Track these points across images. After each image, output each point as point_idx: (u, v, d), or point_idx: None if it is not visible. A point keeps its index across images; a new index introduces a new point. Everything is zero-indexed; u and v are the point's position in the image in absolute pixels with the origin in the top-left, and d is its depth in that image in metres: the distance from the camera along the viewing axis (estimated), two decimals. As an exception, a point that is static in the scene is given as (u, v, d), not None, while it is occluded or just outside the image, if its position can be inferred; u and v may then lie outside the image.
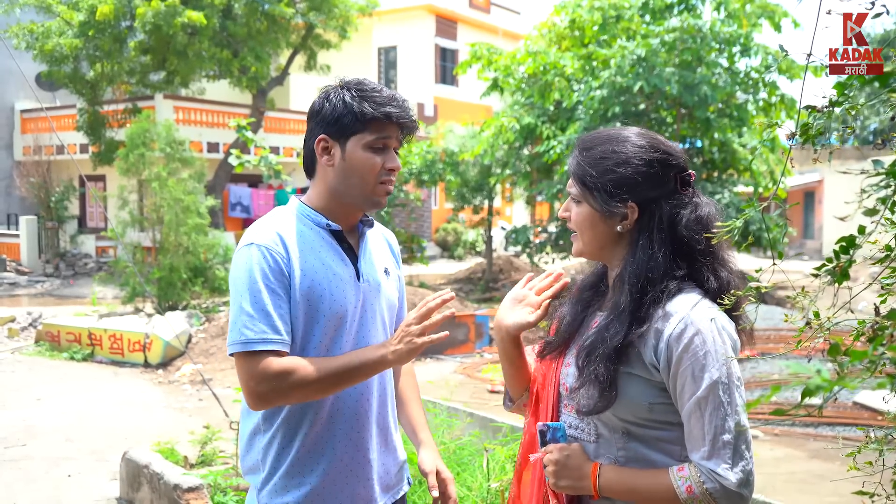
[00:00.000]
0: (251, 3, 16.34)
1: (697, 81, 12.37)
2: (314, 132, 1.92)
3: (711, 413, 1.49)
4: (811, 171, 26.15)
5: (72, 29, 15.97)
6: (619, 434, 1.60)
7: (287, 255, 1.84)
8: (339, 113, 1.88)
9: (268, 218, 1.95)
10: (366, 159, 1.88)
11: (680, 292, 1.58)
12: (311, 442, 1.90)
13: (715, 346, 1.51)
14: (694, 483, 1.49)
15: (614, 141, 1.66)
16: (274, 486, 1.91)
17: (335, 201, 1.93)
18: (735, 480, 1.47)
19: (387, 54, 27.89)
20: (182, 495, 4.16)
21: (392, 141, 1.91)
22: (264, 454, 1.93)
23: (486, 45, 15.28)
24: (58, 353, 9.98)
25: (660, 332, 1.55)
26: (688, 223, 1.60)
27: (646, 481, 1.55)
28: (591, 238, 1.67)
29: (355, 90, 1.90)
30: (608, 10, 14.21)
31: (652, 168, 1.62)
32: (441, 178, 16.68)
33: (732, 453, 1.47)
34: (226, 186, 18.50)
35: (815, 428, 6.89)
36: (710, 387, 1.49)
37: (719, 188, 14.24)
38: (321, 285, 1.86)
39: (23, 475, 5.56)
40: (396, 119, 1.89)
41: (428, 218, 25.05)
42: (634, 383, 1.57)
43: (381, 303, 2.01)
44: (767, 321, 9.75)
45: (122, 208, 11.84)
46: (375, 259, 2.02)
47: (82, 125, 17.27)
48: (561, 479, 1.62)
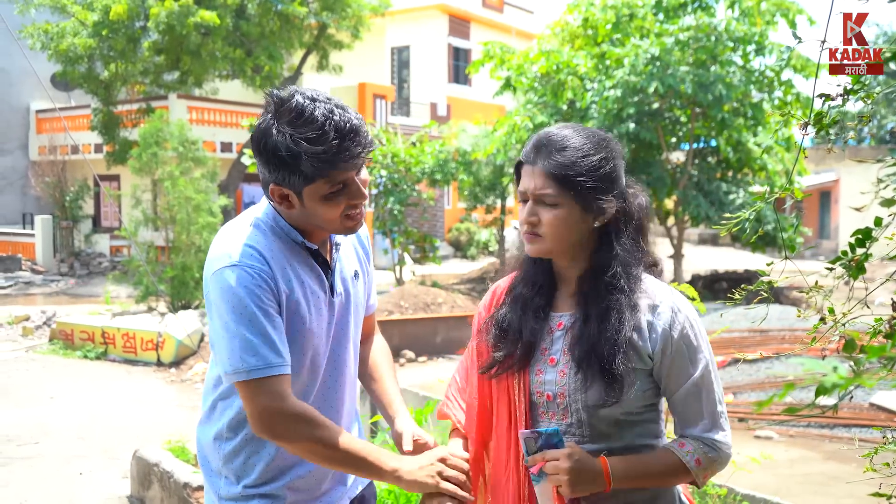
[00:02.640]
0: (264, 3, 16.38)
1: (712, 80, 12.28)
2: (264, 175, 1.73)
3: (708, 391, 1.61)
4: (827, 170, 25.94)
5: (86, 29, 16.06)
6: (615, 427, 1.62)
7: (273, 273, 1.72)
8: (284, 164, 1.65)
9: (240, 231, 1.77)
10: (325, 208, 1.71)
11: (644, 278, 1.65)
12: (280, 456, 1.83)
13: (701, 329, 1.62)
14: (700, 454, 1.60)
15: (581, 137, 1.62)
16: (238, 493, 1.84)
17: (306, 225, 1.80)
18: (728, 442, 1.64)
19: (400, 54, 27.89)
20: (192, 493, 4.16)
21: (350, 177, 1.69)
22: (227, 461, 1.85)
23: (499, 44, 15.24)
24: (71, 352, 10.03)
25: (651, 322, 1.60)
26: (641, 208, 1.67)
27: (654, 465, 1.61)
28: (567, 238, 1.62)
29: (291, 137, 1.63)
30: (621, 9, 14.14)
31: (622, 160, 1.66)
32: (454, 177, 16.65)
33: (725, 421, 1.64)
34: (239, 186, 18.55)
35: (830, 429, 6.81)
36: (704, 367, 1.60)
37: (734, 188, 14.15)
38: (301, 305, 1.77)
39: (35, 473, 5.58)
40: (350, 162, 1.66)
41: (440, 217, 25.02)
42: (637, 377, 1.60)
43: (352, 313, 1.93)
44: (782, 321, 9.65)
45: (136, 207, 11.88)
46: (346, 267, 1.93)
47: (96, 125, 17.36)
48: (578, 485, 1.57)
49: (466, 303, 12.16)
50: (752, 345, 9.15)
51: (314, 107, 1.64)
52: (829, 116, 1.26)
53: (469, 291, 15.61)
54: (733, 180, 14.70)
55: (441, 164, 16.32)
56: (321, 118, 1.63)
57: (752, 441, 6.53)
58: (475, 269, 19.55)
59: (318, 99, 1.66)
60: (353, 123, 1.66)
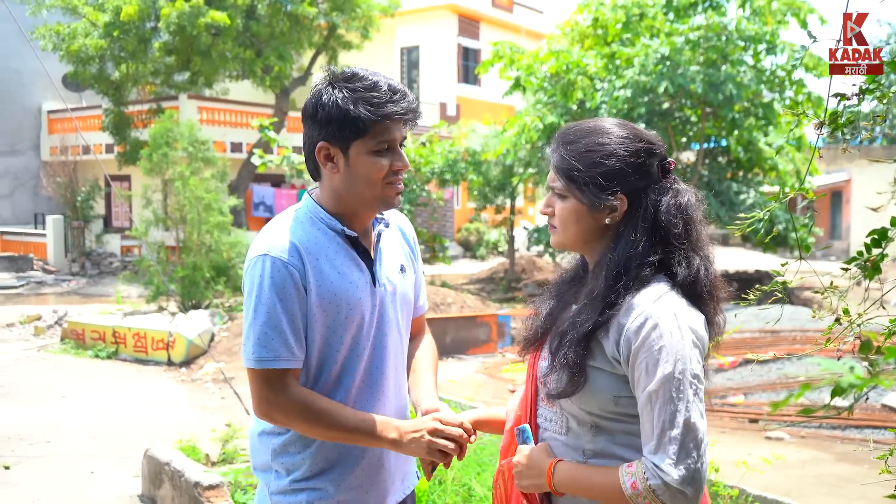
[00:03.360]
0: (274, 4, 16.42)
1: (722, 80, 12.23)
2: (312, 137, 1.82)
3: (661, 407, 1.46)
4: (838, 170, 25.81)
5: (97, 30, 16.14)
6: (588, 427, 1.61)
7: (303, 266, 1.78)
8: (335, 118, 1.76)
9: (281, 223, 1.86)
10: (371, 165, 1.79)
11: (648, 283, 1.57)
12: (328, 448, 1.87)
13: (672, 340, 1.48)
14: (638, 479, 1.47)
15: (597, 133, 1.64)
16: (287, 487, 1.89)
17: (345, 204, 1.86)
18: (677, 477, 1.43)
19: (409, 54, 27.91)
20: (203, 493, 4.17)
21: (396, 140, 1.81)
22: (276, 456, 1.90)
23: (508, 44, 15.23)
24: (83, 351, 10.07)
25: (621, 326, 1.54)
26: (668, 209, 1.60)
27: (598, 478, 1.56)
28: (576, 231, 1.66)
29: (348, 89, 1.76)
30: (631, 9, 14.10)
31: (638, 158, 1.61)
32: (463, 177, 16.64)
33: (678, 449, 1.44)
34: (249, 186, 18.60)
35: (842, 430, 6.77)
36: (662, 381, 1.47)
37: (745, 188, 14.10)
38: (338, 296, 1.81)
39: (47, 471, 5.61)
40: (399, 117, 1.78)
41: (450, 217, 25.02)
42: (599, 377, 1.57)
43: (397, 305, 1.96)
44: (794, 322, 9.60)
45: (146, 208, 11.92)
46: (391, 259, 1.97)
47: (108, 125, 17.44)
48: (523, 480, 1.67)
49: (476, 303, 12.15)
50: (763, 345, 9.11)
51: (368, 71, 1.82)
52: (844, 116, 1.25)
53: (478, 291, 15.60)
54: (744, 180, 14.64)
55: (451, 164, 16.31)
56: (375, 78, 1.80)
57: (763, 442, 6.50)
58: (485, 269, 19.54)
59: (372, 70, 1.84)
60: (405, 89, 1.82)
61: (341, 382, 1.87)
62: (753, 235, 13.33)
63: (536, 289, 15.77)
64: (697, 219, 1.62)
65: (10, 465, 5.69)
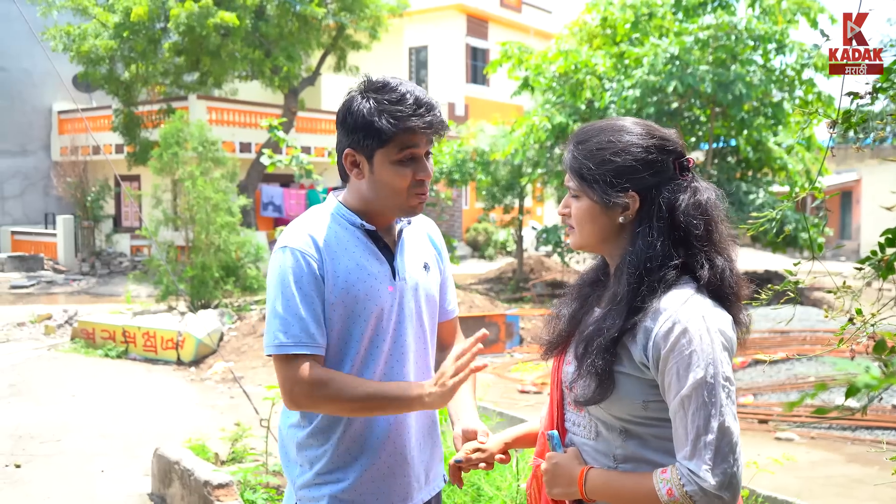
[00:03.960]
0: (283, 4, 16.45)
1: (732, 79, 12.19)
2: (341, 143, 1.90)
3: (694, 413, 1.45)
4: (848, 170, 25.70)
5: (107, 30, 16.19)
6: (618, 433, 1.59)
7: (320, 258, 1.85)
8: (360, 127, 1.82)
9: (303, 219, 1.95)
10: (394, 174, 1.84)
11: (674, 286, 1.54)
12: (349, 440, 1.91)
13: (702, 344, 1.47)
14: (674, 485, 1.45)
15: (609, 131, 1.63)
16: (310, 480, 1.93)
17: (369, 206, 1.93)
18: (714, 482, 1.41)
19: (417, 54, 27.91)
20: (212, 492, 4.18)
21: (420, 150, 1.85)
22: (301, 449, 1.95)
23: (517, 44, 15.21)
24: (93, 351, 10.12)
25: (648, 331, 1.52)
26: (686, 209, 1.57)
27: (631, 485, 1.54)
28: (592, 231, 1.64)
29: (375, 100, 1.82)
30: (640, 8, 14.07)
31: (650, 154, 1.59)
32: (472, 177, 16.64)
33: (714, 454, 1.43)
34: (258, 186, 18.63)
35: (852, 431, 6.74)
36: (694, 386, 1.45)
37: (754, 188, 14.04)
38: (356, 286, 1.87)
39: (57, 470, 5.63)
40: (421, 131, 1.83)
41: (458, 218, 25.02)
42: (627, 382, 1.55)
43: (419, 299, 1.99)
44: (803, 322, 9.57)
45: (156, 207, 11.96)
46: (414, 255, 2.01)
47: (118, 126, 17.50)
48: (553, 488, 1.65)
49: (484, 303, 12.15)
50: (772, 346, 9.08)
51: (400, 82, 1.86)
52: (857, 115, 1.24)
53: (487, 291, 15.59)
54: (753, 180, 14.58)
55: (459, 163, 16.32)
56: (404, 90, 1.83)
57: (772, 443, 6.47)
58: (493, 269, 19.53)
59: (405, 81, 1.88)
60: (432, 102, 1.85)
61: (364, 371, 1.91)
62: (763, 236, 13.27)
63: (545, 288, 15.76)
64: (719, 218, 1.60)
65: (21, 464, 5.72)
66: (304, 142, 18.84)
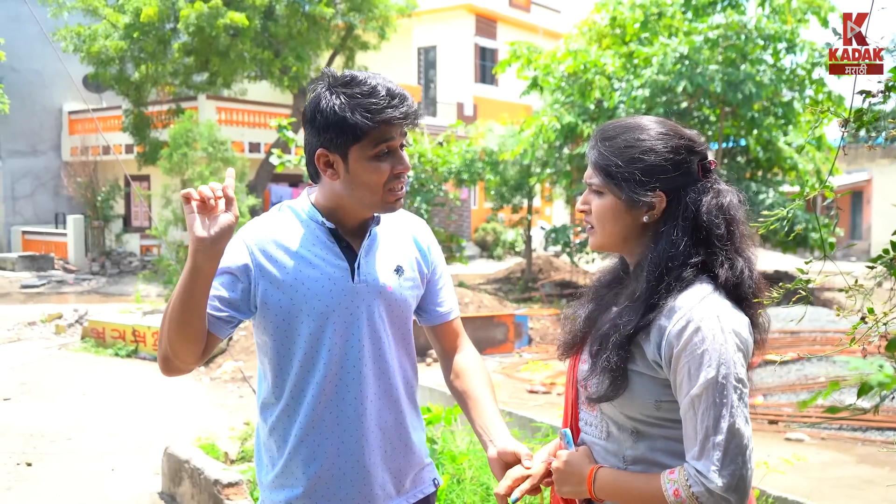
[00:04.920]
0: (292, 4, 16.49)
1: (742, 79, 12.14)
2: (311, 143, 1.81)
3: (704, 412, 1.44)
4: (859, 170, 25.57)
5: (117, 31, 16.27)
6: (629, 432, 1.59)
7: (266, 252, 1.82)
8: (332, 124, 1.74)
9: (267, 214, 1.94)
10: (371, 171, 1.77)
11: (691, 284, 1.53)
12: (299, 444, 1.86)
13: (715, 343, 1.45)
14: (681, 486, 1.45)
15: (636, 129, 1.61)
16: (271, 482, 1.91)
17: (343, 206, 1.86)
18: (721, 483, 1.40)
19: (426, 54, 27.94)
20: (222, 490, 4.19)
21: (395, 142, 1.78)
22: (263, 444, 1.95)
23: (525, 44, 15.19)
24: (103, 350, 10.16)
25: (663, 329, 1.51)
26: (709, 210, 1.57)
27: (639, 485, 1.53)
28: (614, 230, 1.63)
29: (346, 95, 1.74)
30: (650, 8, 14.03)
31: (678, 155, 1.58)
32: (480, 177, 16.63)
33: (722, 455, 1.41)
34: (267, 186, 18.68)
35: (863, 432, 6.71)
36: (705, 385, 1.44)
37: (764, 188, 13.99)
38: (304, 284, 1.82)
39: (68, 468, 5.66)
40: (397, 122, 1.76)
41: (467, 217, 25.02)
42: (640, 381, 1.55)
43: (379, 302, 1.90)
44: (814, 322, 9.52)
45: (166, 207, 12.01)
46: (385, 257, 1.93)
47: (128, 126, 17.58)
48: (563, 486, 1.66)
49: (493, 302, 12.14)
50: (783, 346, 9.04)
51: (367, 76, 1.78)
52: (868, 114, 1.24)
53: (495, 291, 15.58)
54: (763, 180, 14.52)
55: (468, 163, 16.30)
56: (373, 82, 1.76)
57: (783, 443, 6.45)
58: (501, 269, 19.52)
59: (371, 74, 1.81)
60: (404, 92, 1.78)
61: (312, 371, 1.85)
62: (773, 236, 13.23)
63: (554, 288, 15.74)
64: (740, 219, 1.59)
65: (33, 462, 5.76)
66: (313, 142, 18.87)
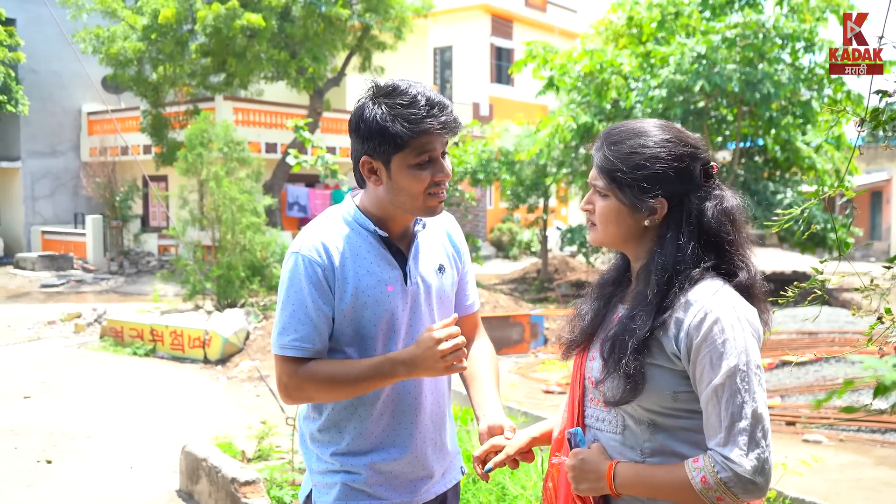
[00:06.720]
0: (308, 5, 16.54)
1: (759, 78, 12.07)
2: (356, 150, 1.89)
3: (728, 400, 1.48)
4: (878, 170, 25.34)
5: (135, 33, 16.39)
6: (646, 425, 1.61)
7: (330, 265, 1.88)
8: (375, 133, 1.82)
9: (317, 223, 1.97)
10: (412, 178, 1.84)
11: (701, 280, 1.58)
12: (359, 436, 1.95)
13: (734, 333, 1.50)
14: (708, 473, 1.48)
15: (643, 135, 1.64)
16: (324, 468, 1.99)
17: (387, 211, 1.94)
18: (749, 467, 1.45)
19: (442, 54, 27.95)
20: (239, 489, 4.22)
21: (436, 151, 1.85)
22: (313, 440, 2.02)
23: (541, 43, 15.17)
24: (121, 349, 10.24)
25: (680, 322, 1.55)
26: (714, 215, 1.61)
27: (662, 475, 1.55)
28: (616, 231, 1.67)
29: (387, 105, 1.81)
30: (667, 7, 13.97)
31: (682, 163, 1.62)
32: (496, 177, 16.63)
33: (748, 440, 1.46)
34: (283, 186, 18.75)
35: (881, 434, 6.66)
36: (728, 374, 1.48)
37: (782, 187, 13.90)
38: (366, 293, 1.89)
39: (87, 465, 5.72)
40: (437, 132, 1.82)
41: (483, 217, 25.01)
42: (658, 373, 1.57)
43: (431, 302, 2.01)
44: (831, 323, 9.45)
45: (183, 208, 12.07)
46: (428, 259, 2.02)
47: (146, 127, 17.70)
48: (580, 484, 1.65)
49: (508, 303, 12.14)
50: (800, 347, 8.98)
51: (409, 84, 1.85)
52: (886, 113, 1.24)
53: (511, 291, 15.57)
54: (781, 180, 14.43)
55: (483, 163, 16.31)
56: (414, 92, 1.82)
57: (800, 445, 6.41)
58: (517, 269, 19.50)
59: (413, 82, 1.87)
60: (444, 101, 1.84)
61: None
62: (790, 236, 13.14)
63: (570, 289, 15.70)
64: (742, 221, 1.64)
65: (52, 460, 5.82)
66: (329, 142, 18.94)
